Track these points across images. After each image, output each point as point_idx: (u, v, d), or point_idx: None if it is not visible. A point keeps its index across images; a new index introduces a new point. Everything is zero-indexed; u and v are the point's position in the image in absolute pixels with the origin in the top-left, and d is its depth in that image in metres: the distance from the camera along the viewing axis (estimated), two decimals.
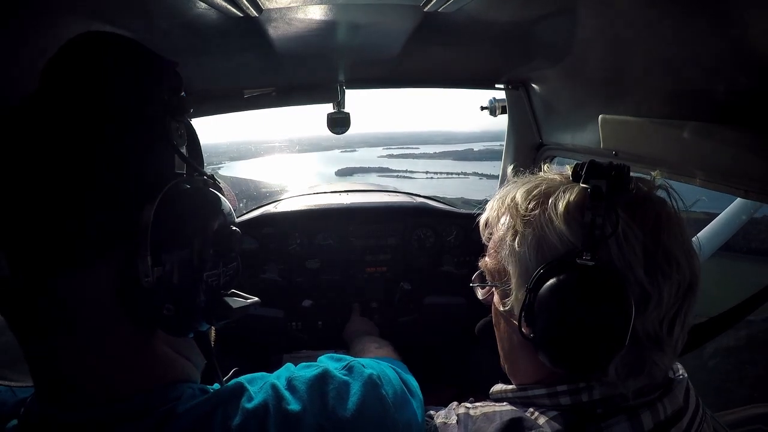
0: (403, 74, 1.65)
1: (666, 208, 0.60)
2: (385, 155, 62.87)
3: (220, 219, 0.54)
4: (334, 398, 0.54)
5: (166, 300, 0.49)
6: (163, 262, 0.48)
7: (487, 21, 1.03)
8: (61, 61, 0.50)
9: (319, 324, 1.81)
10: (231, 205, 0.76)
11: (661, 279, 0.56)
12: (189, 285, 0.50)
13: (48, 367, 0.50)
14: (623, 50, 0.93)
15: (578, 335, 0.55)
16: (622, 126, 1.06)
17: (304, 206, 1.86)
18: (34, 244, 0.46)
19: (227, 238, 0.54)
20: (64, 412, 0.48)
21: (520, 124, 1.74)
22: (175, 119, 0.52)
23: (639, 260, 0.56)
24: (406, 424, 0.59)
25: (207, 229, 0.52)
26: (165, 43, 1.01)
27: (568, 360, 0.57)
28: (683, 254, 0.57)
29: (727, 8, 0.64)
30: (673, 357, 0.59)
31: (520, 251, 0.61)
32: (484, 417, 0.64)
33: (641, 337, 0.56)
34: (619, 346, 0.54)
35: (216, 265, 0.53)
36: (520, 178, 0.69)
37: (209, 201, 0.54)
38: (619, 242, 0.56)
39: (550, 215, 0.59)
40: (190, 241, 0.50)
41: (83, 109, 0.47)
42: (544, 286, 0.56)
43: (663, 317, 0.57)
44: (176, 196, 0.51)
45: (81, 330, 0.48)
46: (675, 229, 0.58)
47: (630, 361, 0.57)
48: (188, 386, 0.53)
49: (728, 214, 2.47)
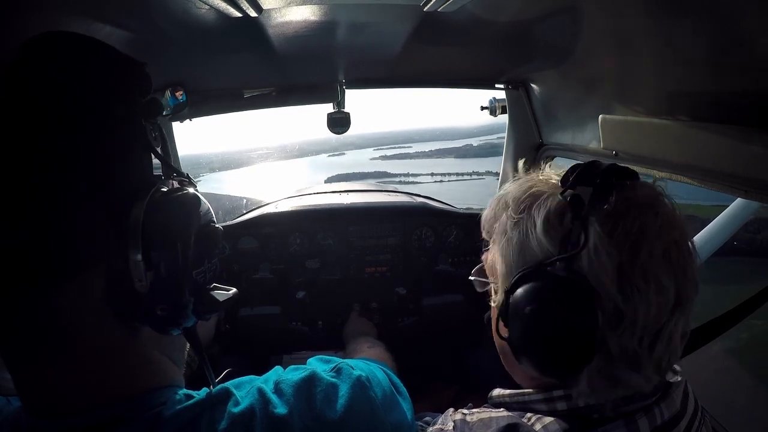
0: (402, 74, 1.65)
1: (656, 221, 0.56)
2: (377, 157, 58.17)
3: (203, 217, 0.56)
4: (321, 401, 0.53)
5: (160, 301, 0.50)
6: (155, 264, 0.49)
7: (487, 21, 1.03)
8: (25, 63, 0.48)
9: (319, 324, 1.81)
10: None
11: (637, 298, 0.54)
12: (181, 284, 0.51)
13: (35, 378, 0.49)
14: (623, 50, 0.93)
15: (543, 342, 0.56)
16: (622, 126, 1.06)
17: (304, 206, 1.86)
18: (17, 255, 0.44)
19: (211, 234, 0.57)
20: (53, 421, 0.48)
21: (520, 124, 1.74)
22: (148, 120, 0.53)
23: (610, 277, 0.54)
24: (395, 425, 0.59)
25: (192, 228, 0.53)
26: (165, 43, 1.01)
27: (537, 366, 0.58)
28: (669, 272, 0.54)
29: (727, 8, 0.64)
30: (654, 374, 0.57)
31: (506, 253, 0.63)
32: (481, 423, 0.64)
33: (615, 353, 0.55)
34: (583, 357, 0.54)
35: (202, 261, 0.55)
36: (521, 176, 0.69)
37: (191, 200, 0.55)
38: (590, 256, 0.55)
39: (534, 220, 0.60)
40: (178, 241, 0.51)
41: (54, 112, 0.46)
42: (517, 290, 0.58)
43: (642, 335, 0.55)
44: (161, 197, 0.51)
45: (70, 338, 0.47)
46: (661, 244, 0.55)
47: (604, 374, 0.57)
48: (173, 391, 0.53)
49: (728, 214, 2.46)
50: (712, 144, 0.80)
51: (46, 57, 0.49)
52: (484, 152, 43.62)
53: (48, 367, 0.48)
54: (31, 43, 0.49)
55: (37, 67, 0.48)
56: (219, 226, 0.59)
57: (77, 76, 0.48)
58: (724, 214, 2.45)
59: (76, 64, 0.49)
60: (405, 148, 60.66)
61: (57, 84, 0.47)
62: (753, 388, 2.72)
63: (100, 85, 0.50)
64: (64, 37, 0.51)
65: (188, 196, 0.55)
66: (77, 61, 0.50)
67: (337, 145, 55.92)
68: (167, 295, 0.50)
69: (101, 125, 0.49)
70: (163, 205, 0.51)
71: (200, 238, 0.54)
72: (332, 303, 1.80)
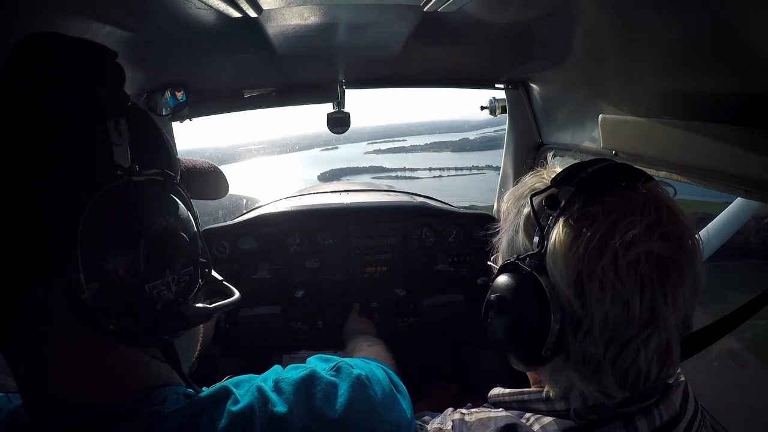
0: (402, 74, 1.66)
1: (632, 228, 0.52)
2: (371, 151, 56.77)
3: (163, 223, 0.49)
4: (321, 399, 0.53)
5: (108, 315, 0.46)
6: (98, 276, 0.44)
7: (487, 21, 1.03)
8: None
9: (319, 324, 1.81)
10: (218, 190, 0.74)
11: (593, 305, 0.52)
12: (129, 298, 0.46)
13: (30, 376, 0.49)
14: (623, 50, 0.93)
15: (503, 330, 0.61)
16: (622, 126, 1.06)
17: (304, 206, 1.86)
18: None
19: (174, 243, 0.50)
20: (50, 420, 0.48)
21: (520, 124, 1.74)
22: (113, 116, 0.48)
23: (566, 281, 0.53)
24: (394, 423, 0.59)
25: (145, 236, 0.47)
26: (165, 43, 1.02)
27: (506, 353, 0.63)
28: (634, 283, 0.51)
29: (727, 8, 0.63)
30: (617, 388, 0.54)
31: (503, 245, 0.68)
32: (479, 423, 0.64)
33: (576, 357, 0.55)
34: (537, 352, 0.56)
35: (160, 274, 0.48)
36: (531, 174, 0.71)
37: (149, 204, 0.49)
38: (550, 258, 0.55)
39: (521, 216, 0.64)
40: (125, 251, 0.46)
41: (5, 113, 0.45)
42: (495, 280, 0.63)
43: (606, 344, 0.53)
44: (109, 201, 0.45)
45: (44, 341, 0.47)
46: (632, 254, 0.51)
47: (563, 375, 0.58)
48: (172, 390, 0.52)
49: (728, 214, 2.47)
50: (712, 144, 0.80)
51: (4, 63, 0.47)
52: (483, 146, 41.90)
53: (39, 366, 0.48)
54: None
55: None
56: (186, 233, 0.52)
57: (25, 77, 0.46)
58: (724, 214, 2.45)
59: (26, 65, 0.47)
60: (400, 141, 59.20)
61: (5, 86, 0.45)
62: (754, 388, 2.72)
63: (50, 82, 0.46)
64: (34, 36, 0.49)
65: (143, 197, 0.49)
66: (32, 58, 0.47)
67: (330, 139, 54.25)
68: (116, 309, 0.46)
69: (56, 124, 0.46)
70: (111, 208, 0.45)
71: (158, 247, 0.48)
72: (332, 303, 1.80)
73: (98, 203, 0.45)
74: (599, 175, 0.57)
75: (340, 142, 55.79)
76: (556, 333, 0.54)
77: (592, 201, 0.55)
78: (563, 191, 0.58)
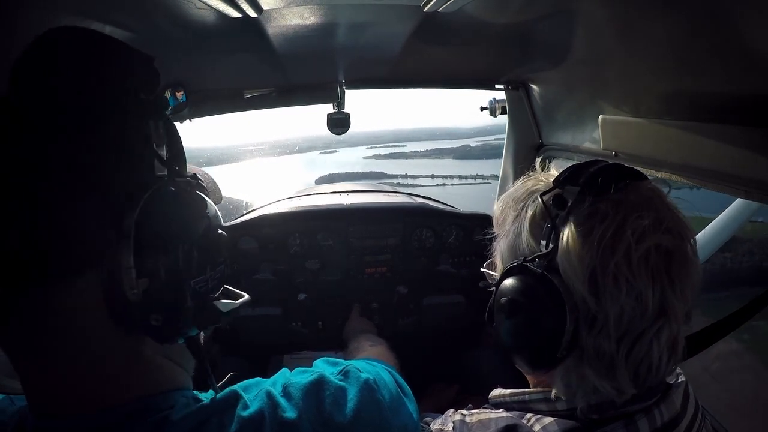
0: (403, 74, 1.65)
1: (640, 223, 0.54)
2: (371, 156, 56.31)
3: (206, 222, 0.52)
4: (330, 404, 0.53)
5: (153, 311, 0.47)
6: (149, 272, 0.46)
7: (487, 21, 1.03)
8: (28, 60, 0.46)
9: (319, 324, 1.81)
10: (216, 197, 0.73)
11: (608, 301, 0.53)
12: (176, 294, 0.49)
13: (38, 378, 0.48)
14: (623, 51, 0.94)
15: (514, 333, 0.60)
16: (622, 126, 1.06)
17: (304, 207, 1.86)
18: (16, 255, 0.43)
19: (214, 242, 0.53)
20: (57, 422, 0.47)
21: (520, 125, 1.74)
22: (153, 118, 0.50)
23: (581, 278, 0.54)
24: (401, 427, 0.59)
25: (192, 234, 0.50)
26: (165, 44, 1.02)
27: (513, 357, 0.62)
28: (646, 277, 0.53)
29: (727, 8, 0.64)
30: (629, 383, 0.55)
31: (503, 248, 0.67)
32: (480, 424, 0.64)
33: (590, 354, 0.55)
34: (551, 353, 0.55)
35: (203, 270, 0.51)
36: (524, 177, 0.70)
37: (193, 204, 0.52)
38: (563, 257, 0.55)
39: (524, 218, 0.63)
40: (175, 248, 0.48)
41: (52, 110, 0.45)
42: (501, 284, 0.61)
43: (619, 339, 0.54)
44: (159, 201, 0.48)
45: (70, 340, 0.47)
46: (641, 248, 0.53)
47: (576, 374, 0.58)
48: (181, 395, 0.52)
49: (728, 214, 2.46)
50: (712, 144, 0.80)
51: (44, 55, 0.47)
52: (485, 154, 41.82)
53: (49, 368, 0.47)
54: (34, 41, 0.47)
55: (34, 66, 0.46)
56: (223, 232, 0.55)
57: (76, 73, 0.46)
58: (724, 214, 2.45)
59: (75, 61, 0.47)
60: (400, 147, 58.77)
61: (54, 82, 0.45)
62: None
63: (99, 82, 0.47)
64: (66, 32, 0.49)
65: (190, 199, 0.52)
66: (76, 57, 0.47)
67: (329, 142, 53.37)
68: (162, 305, 0.48)
69: (104, 124, 0.47)
70: (159, 209, 0.47)
71: (202, 245, 0.50)
72: (332, 303, 1.80)
73: (149, 201, 0.47)
74: (603, 174, 0.58)
75: (339, 146, 55.32)
76: (571, 332, 0.54)
77: (600, 199, 0.56)
78: (568, 191, 0.58)
